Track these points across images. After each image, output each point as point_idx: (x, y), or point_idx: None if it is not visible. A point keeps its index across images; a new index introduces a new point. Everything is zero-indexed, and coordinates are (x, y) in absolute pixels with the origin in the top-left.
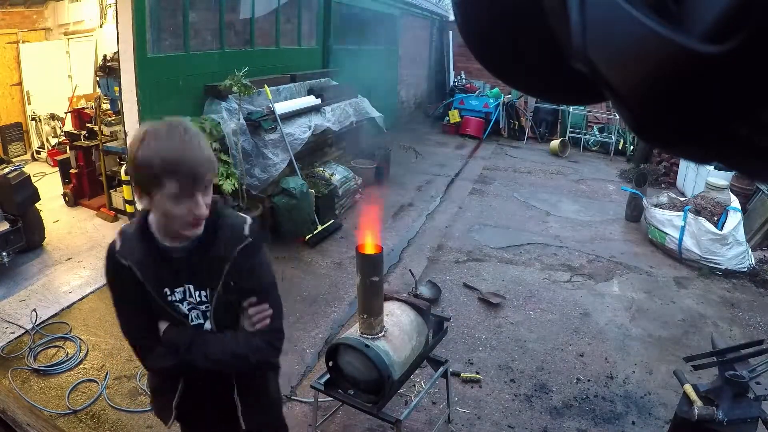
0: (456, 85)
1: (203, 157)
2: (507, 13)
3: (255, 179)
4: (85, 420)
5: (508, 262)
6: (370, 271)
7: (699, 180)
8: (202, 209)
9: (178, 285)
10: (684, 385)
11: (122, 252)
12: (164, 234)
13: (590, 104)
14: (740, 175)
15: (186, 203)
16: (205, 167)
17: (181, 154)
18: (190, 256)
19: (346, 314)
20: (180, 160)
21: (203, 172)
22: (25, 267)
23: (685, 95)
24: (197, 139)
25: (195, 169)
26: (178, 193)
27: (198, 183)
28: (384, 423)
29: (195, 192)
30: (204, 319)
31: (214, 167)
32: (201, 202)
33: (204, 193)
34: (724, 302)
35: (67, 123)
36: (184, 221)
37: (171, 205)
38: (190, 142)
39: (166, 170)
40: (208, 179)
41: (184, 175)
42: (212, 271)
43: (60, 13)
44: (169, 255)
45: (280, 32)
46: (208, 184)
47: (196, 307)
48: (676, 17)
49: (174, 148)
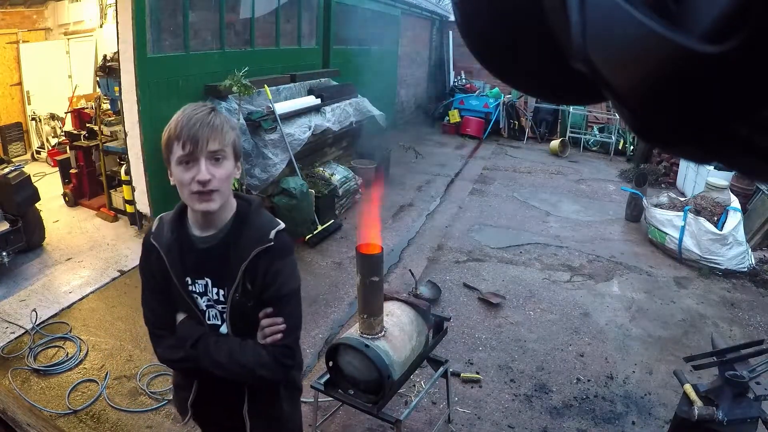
0: (456, 85)
1: (208, 124)
2: (507, 12)
3: (255, 179)
4: (85, 420)
5: (508, 262)
6: (370, 271)
7: (699, 180)
8: (204, 173)
9: (200, 276)
10: (684, 385)
11: (155, 235)
12: (194, 221)
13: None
14: (740, 175)
15: (191, 168)
16: (207, 132)
17: (188, 120)
18: (213, 248)
19: (346, 314)
20: (186, 125)
21: (205, 136)
22: (25, 267)
23: (685, 95)
24: (212, 112)
25: (197, 133)
26: (182, 157)
27: (199, 147)
28: (384, 423)
29: (199, 156)
30: (221, 321)
31: (222, 137)
32: (204, 167)
33: (212, 163)
34: (724, 302)
35: (67, 123)
36: (191, 190)
37: (180, 171)
38: (201, 113)
39: (173, 134)
40: (215, 148)
41: (186, 136)
42: (230, 270)
43: (60, 13)
44: (195, 244)
45: (280, 32)
46: (219, 155)
47: (214, 305)
48: (676, 17)
49: (186, 115)
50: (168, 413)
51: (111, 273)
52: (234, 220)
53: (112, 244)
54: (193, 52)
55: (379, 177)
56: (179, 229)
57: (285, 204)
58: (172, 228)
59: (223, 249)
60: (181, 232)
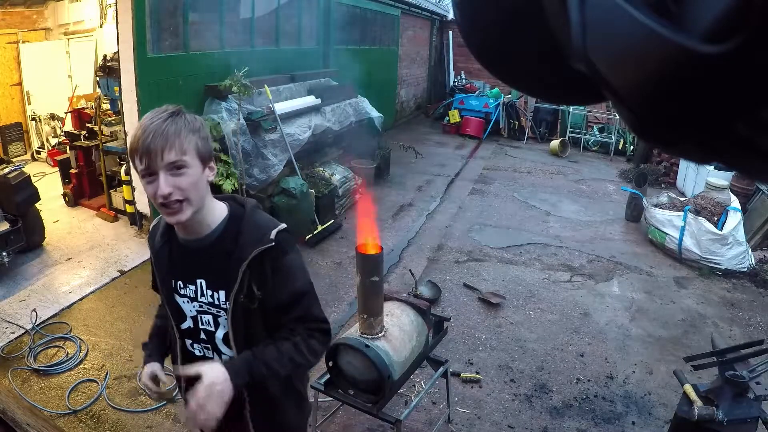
0: (456, 85)
1: (162, 133)
2: (507, 13)
3: (254, 179)
4: (85, 420)
5: (508, 262)
6: (370, 271)
7: (699, 180)
8: (162, 188)
9: (191, 279)
10: (684, 385)
11: (150, 236)
12: (178, 228)
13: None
14: (740, 175)
15: (153, 182)
16: (160, 142)
17: (143, 132)
18: (206, 249)
19: (346, 314)
20: (141, 137)
21: (158, 148)
22: (25, 267)
23: (685, 95)
24: (168, 119)
25: (149, 146)
26: (142, 171)
27: (154, 159)
28: (384, 423)
29: (156, 169)
30: (215, 326)
31: (179, 145)
32: (162, 182)
33: (172, 173)
34: (724, 302)
35: (67, 123)
36: (157, 203)
37: (144, 185)
38: (157, 121)
39: (132, 148)
40: (172, 159)
41: (141, 150)
42: (228, 269)
43: (60, 13)
44: (185, 246)
45: (280, 32)
46: (178, 164)
47: (207, 310)
48: (676, 17)
49: (142, 126)
50: (168, 413)
51: (111, 273)
52: (227, 223)
53: (112, 244)
54: (193, 52)
55: (379, 177)
56: (169, 232)
57: (285, 204)
58: (163, 231)
59: (217, 249)
60: (171, 235)
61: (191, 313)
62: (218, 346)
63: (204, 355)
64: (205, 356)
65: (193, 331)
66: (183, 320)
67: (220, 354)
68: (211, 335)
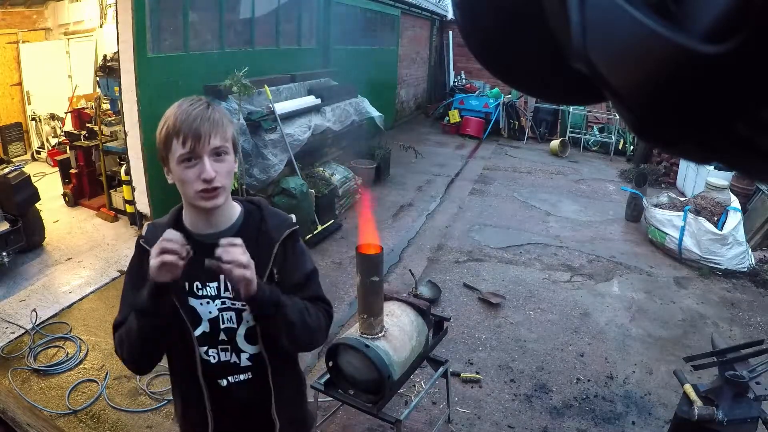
0: (456, 85)
1: (209, 119)
2: (507, 13)
3: (254, 179)
4: (85, 420)
5: (508, 262)
6: (370, 271)
7: (699, 180)
8: (209, 172)
9: (212, 277)
10: (684, 385)
11: (147, 239)
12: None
13: (590, 104)
14: (740, 175)
15: (195, 166)
16: (207, 127)
17: (186, 115)
18: None
19: (346, 314)
20: (185, 120)
21: (207, 132)
22: (25, 267)
23: (685, 95)
24: (209, 106)
25: (198, 129)
26: (185, 154)
27: (201, 143)
28: (384, 423)
29: (201, 153)
30: (237, 323)
31: (223, 132)
32: (208, 164)
33: (214, 159)
34: (724, 302)
35: (67, 123)
36: (195, 189)
37: (181, 169)
38: (200, 107)
39: (171, 130)
40: (218, 144)
41: (187, 133)
42: (260, 256)
43: (60, 13)
44: (201, 244)
45: (280, 32)
46: (221, 151)
47: (231, 305)
48: (676, 17)
49: (183, 110)
50: (168, 413)
51: (111, 273)
52: (245, 214)
53: (112, 244)
54: (193, 52)
55: (379, 177)
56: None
57: (285, 204)
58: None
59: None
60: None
61: (209, 315)
62: (239, 346)
63: (219, 360)
64: (220, 361)
65: (210, 336)
66: (197, 326)
67: (239, 354)
68: (232, 334)
